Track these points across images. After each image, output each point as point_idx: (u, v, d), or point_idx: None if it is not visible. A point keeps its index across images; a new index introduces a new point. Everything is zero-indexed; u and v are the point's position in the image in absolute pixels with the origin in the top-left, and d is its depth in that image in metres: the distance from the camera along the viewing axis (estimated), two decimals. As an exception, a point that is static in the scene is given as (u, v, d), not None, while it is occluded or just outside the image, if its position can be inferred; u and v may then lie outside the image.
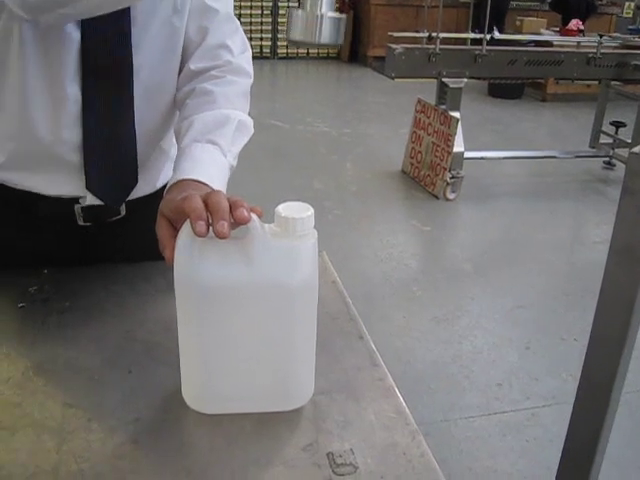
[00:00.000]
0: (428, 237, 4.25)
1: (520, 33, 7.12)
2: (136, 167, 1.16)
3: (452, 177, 4.59)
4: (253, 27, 9.38)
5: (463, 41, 5.39)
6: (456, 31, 6.02)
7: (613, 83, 5.37)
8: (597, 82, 5.66)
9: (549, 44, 5.87)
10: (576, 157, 5.41)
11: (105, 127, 1.08)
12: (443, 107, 4.70)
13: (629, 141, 5.12)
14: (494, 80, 6.27)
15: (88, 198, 1.13)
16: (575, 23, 6.68)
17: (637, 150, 1.06)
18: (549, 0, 8.56)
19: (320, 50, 9.63)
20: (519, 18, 8.13)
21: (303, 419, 0.85)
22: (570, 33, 6.47)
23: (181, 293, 0.80)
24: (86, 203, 1.14)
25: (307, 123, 6.31)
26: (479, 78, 5.03)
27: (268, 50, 9.71)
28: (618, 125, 5.38)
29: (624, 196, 1.08)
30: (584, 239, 4.40)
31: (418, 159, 4.95)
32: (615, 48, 5.34)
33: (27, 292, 1.09)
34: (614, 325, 1.14)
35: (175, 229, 0.83)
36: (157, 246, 0.88)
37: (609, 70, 4.97)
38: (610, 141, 5.45)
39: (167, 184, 1.01)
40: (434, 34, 4.47)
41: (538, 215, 4.56)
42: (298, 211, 0.77)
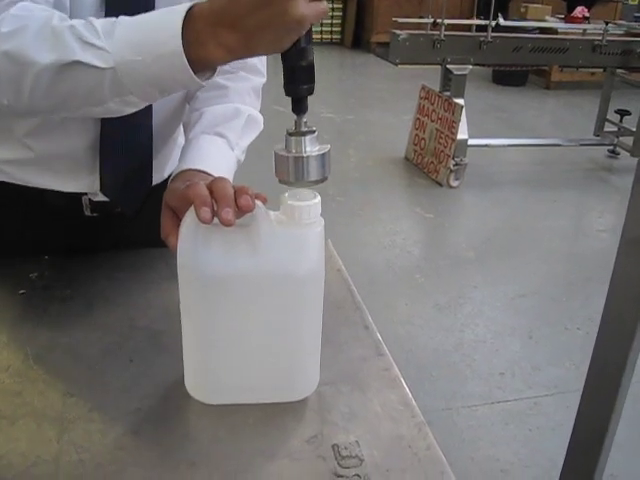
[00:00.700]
0: (431, 224, 4.23)
1: (525, 20, 7.06)
2: (151, 170, 1.14)
3: (455, 164, 4.56)
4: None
5: (467, 27, 5.35)
6: (460, 17, 5.98)
7: (618, 71, 5.33)
8: (602, 70, 5.63)
9: (554, 31, 5.81)
10: (580, 145, 5.38)
11: (122, 128, 1.05)
12: (447, 94, 4.67)
13: (634, 129, 5.09)
14: (498, 67, 6.24)
15: (100, 196, 1.10)
16: (580, 10, 6.60)
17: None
18: (554, -14, 8.49)
19: (323, 36, 9.56)
20: (524, 5, 8.05)
21: (308, 410, 0.83)
22: (575, 20, 6.40)
23: (184, 281, 0.78)
24: (96, 199, 1.12)
25: (310, 109, 6.26)
26: (484, 65, 5.00)
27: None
28: (623, 113, 5.34)
29: (636, 185, 1.06)
30: (587, 227, 4.38)
31: (422, 146, 4.93)
32: (621, 36, 5.30)
33: (27, 279, 1.08)
34: (624, 315, 1.13)
35: (179, 219, 0.82)
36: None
37: (614, 58, 4.94)
38: (615, 129, 5.41)
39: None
40: (439, 20, 4.43)
41: (541, 203, 4.54)
42: (304, 198, 0.76)
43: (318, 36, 9.60)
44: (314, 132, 0.75)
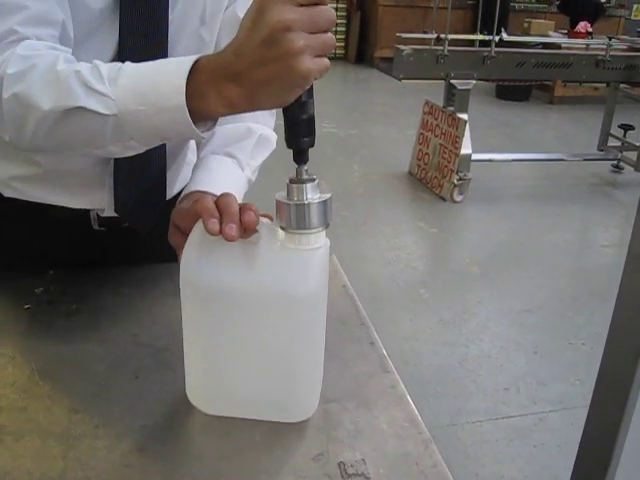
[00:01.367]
0: (435, 239, 4.23)
1: (528, 35, 7.09)
2: (165, 187, 1.14)
3: (459, 179, 4.57)
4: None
5: (471, 43, 5.37)
6: (463, 32, 6.00)
7: (622, 86, 5.34)
8: (605, 85, 5.63)
9: (557, 46, 5.83)
10: (584, 160, 5.38)
11: None
12: (451, 109, 4.68)
13: (638, 144, 5.11)
14: (502, 82, 6.25)
15: (106, 210, 1.10)
16: (583, 25, 6.64)
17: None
18: (557, 2, 8.53)
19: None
20: (527, 20, 8.09)
21: (313, 428, 0.83)
22: (578, 35, 6.43)
23: (186, 293, 0.79)
24: (104, 215, 1.11)
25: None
26: (487, 80, 5.01)
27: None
28: (626, 128, 5.35)
29: (642, 201, 1.06)
30: (592, 242, 4.37)
31: (425, 161, 4.94)
32: (624, 50, 5.32)
33: (33, 293, 1.08)
34: (631, 330, 1.12)
35: (187, 237, 0.82)
36: (170, 251, 0.87)
37: (618, 73, 4.95)
38: (618, 144, 5.42)
39: (182, 190, 0.99)
40: (442, 35, 4.45)
41: (546, 218, 4.54)
42: None
43: (322, 51, 9.63)
44: (315, 180, 0.75)
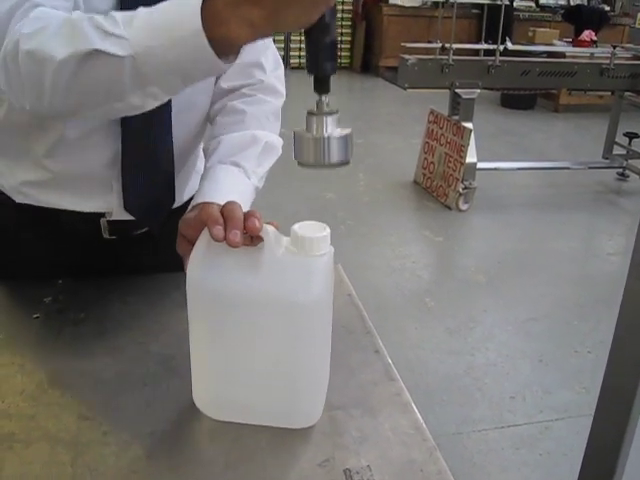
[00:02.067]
0: (440, 248, 4.23)
1: (533, 44, 7.10)
2: (173, 186, 1.15)
3: (465, 188, 4.57)
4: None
5: (475, 52, 5.39)
6: (467, 42, 6.02)
7: (626, 94, 5.35)
8: (610, 93, 5.64)
9: (562, 55, 5.84)
10: (589, 168, 5.38)
11: (143, 144, 1.07)
12: (456, 118, 4.69)
13: (643, 152, 5.11)
14: (507, 91, 6.26)
15: (114, 213, 1.12)
16: (588, 34, 6.65)
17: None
18: (562, 11, 8.55)
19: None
20: (532, 29, 8.11)
21: (319, 434, 0.84)
22: (583, 44, 6.44)
23: (192, 298, 0.80)
24: (112, 218, 1.13)
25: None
26: (492, 89, 5.03)
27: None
28: (632, 136, 5.36)
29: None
30: (597, 250, 4.37)
31: (430, 170, 4.95)
32: (628, 59, 5.33)
33: (42, 303, 1.09)
34: (635, 338, 1.13)
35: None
36: (179, 260, 0.88)
37: (622, 81, 4.96)
38: (623, 152, 5.43)
39: (192, 198, 1.01)
40: (447, 45, 4.47)
41: (551, 226, 4.54)
42: (314, 230, 0.77)
43: (327, 61, 9.67)
44: (336, 113, 0.72)
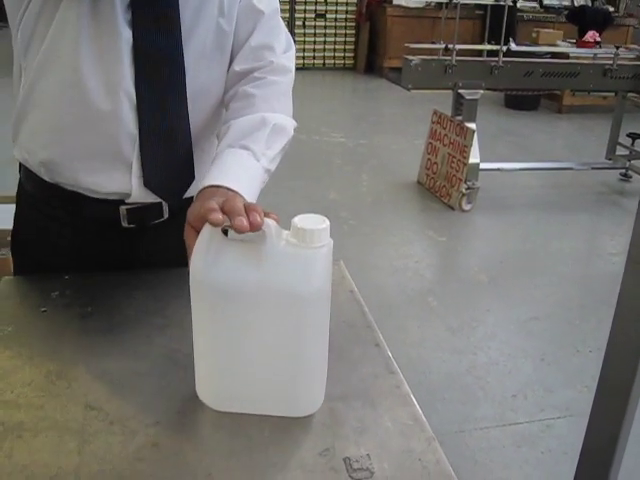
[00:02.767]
0: (443, 248, 4.25)
1: (536, 45, 7.11)
2: (192, 162, 1.16)
3: (468, 188, 4.59)
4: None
5: (479, 53, 5.40)
6: (471, 42, 6.03)
7: (629, 95, 5.35)
8: (613, 94, 5.64)
9: (565, 56, 5.85)
10: (592, 169, 5.38)
11: (160, 122, 1.09)
12: (459, 118, 4.70)
13: (646, 153, 5.11)
14: (510, 91, 6.27)
15: (134, 194, 1.13)
16: (591, 35, 6.65)
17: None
18: (566, 12, 8.55)
19: (336, 61, 9.67)
20: (535, 30, 8.12)
21: (320, 425, 0.86)
22: (587, 45, 6.44)
23: (195, 291, 0.82)
24: (130, 200, 1.14)
25: (323, 133, 6.32)
26: (495, 89, 5.03)
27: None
28: (635, 137, 5.36)
29: (641, 207, 1.08)
30: (600, 251, 4.38)
31: (434, 170, 4.96)
32: (632, 60, 5.33)
33: (49, 297, 1.11)
34: (631, 336, 1.14)
35: None
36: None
37: (625, 82, 4.96)
38: (626, 153, 5.43)
39: None
40: (450, 46, 4.48)
41: (554, 226, 4.55)
42: (314, 223, 0.79)
43: (331, 61, 9.70)
44: None
